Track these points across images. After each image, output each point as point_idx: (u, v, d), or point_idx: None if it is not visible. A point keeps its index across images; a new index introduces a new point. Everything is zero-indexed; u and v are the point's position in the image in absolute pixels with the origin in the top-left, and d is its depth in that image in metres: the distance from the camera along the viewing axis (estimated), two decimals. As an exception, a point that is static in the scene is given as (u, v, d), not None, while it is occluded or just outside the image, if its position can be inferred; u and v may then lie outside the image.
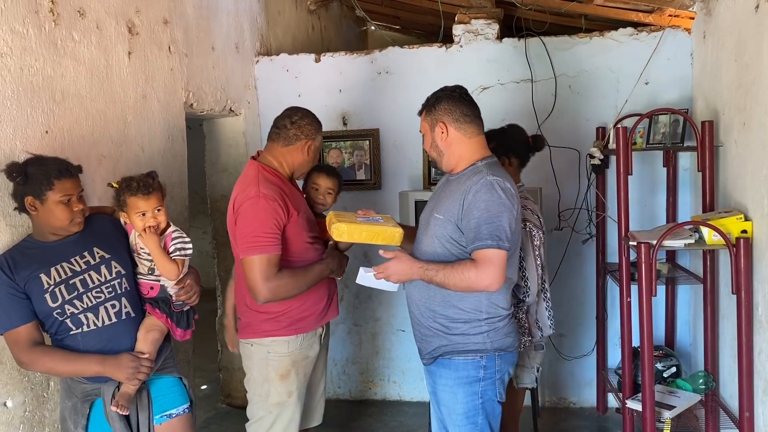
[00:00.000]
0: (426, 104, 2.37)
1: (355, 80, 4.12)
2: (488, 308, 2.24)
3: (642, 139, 3.35)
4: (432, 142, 2.33)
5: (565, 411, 3.98)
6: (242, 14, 4.08)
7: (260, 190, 2.39)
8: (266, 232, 2.36)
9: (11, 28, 2.20)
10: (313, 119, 2.61)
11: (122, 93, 2.84)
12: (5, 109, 2.16)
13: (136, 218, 2.18)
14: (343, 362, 4.30)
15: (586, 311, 3.91)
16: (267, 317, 2.50)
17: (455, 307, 2.24)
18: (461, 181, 2.24)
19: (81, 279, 2.10)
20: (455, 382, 2.26)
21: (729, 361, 3.03)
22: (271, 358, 2.51)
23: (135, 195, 2.17)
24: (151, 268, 2.26)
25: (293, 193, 2.56)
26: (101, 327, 2.11)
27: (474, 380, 2.25)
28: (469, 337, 2.23)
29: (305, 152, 2.57)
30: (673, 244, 2.83)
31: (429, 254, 2.28)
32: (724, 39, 3.10)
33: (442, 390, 2.31)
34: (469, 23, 3.99)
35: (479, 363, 2.24)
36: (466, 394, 2.25)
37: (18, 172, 2.03)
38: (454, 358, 2.25)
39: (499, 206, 2.14)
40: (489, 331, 2.24)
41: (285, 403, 2.53)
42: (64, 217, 2.07)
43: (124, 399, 2.09)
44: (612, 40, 3.80)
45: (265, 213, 2.37)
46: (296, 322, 2.52)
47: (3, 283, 2.03)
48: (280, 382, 2.51)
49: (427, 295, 2.29)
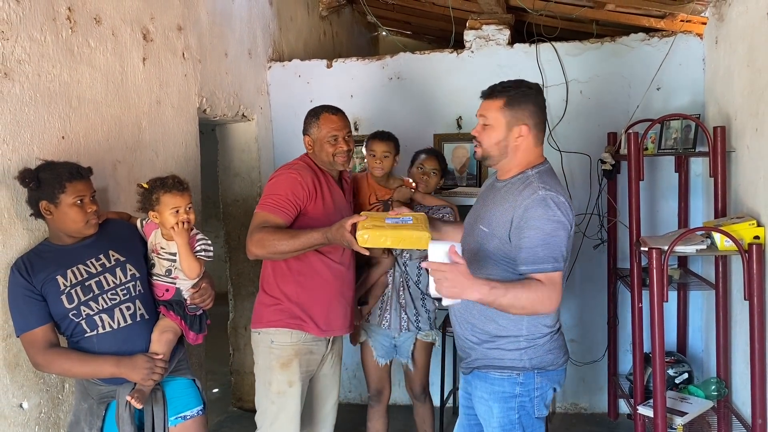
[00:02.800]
0: (507, 94, 2.08)
1: (367, 86, 4.15)
2: (528, 327, 2.10)
3: (653, 145, 3.35)
4: (500, 140, 2.08)
5: (577, 416, 3.97)
6: (255, 20, 4.11)
7: (290, 166, 2.60)
8: (277, 194, 2.48)
9: (29, 36, 2.23)
10: (310, 114, 2.69)
11: (137, 99, 2.88)
12: (23, 115, 2.20)
13: (170, 215, 2.23)
14: (354, 366, 4.30)
15: (597, 316, 3.90)
16: (271, 307, 2.58)
17: (494, 322, 2.12)
18: (510, 192, 2.08)
19: (97, 281, 2.14)
20: (491, 397, 2.15)
21: (741, 367, 3.02)
22: (274, 346, 2.57)
23: (170, 192, 2.24)
24: (168, 269, 2.29)
25: (330, 184, 2.64)
26: (116, 329, 2.14)
27: (510, 396, 2.12)
28: (505, 353, 2.11)
29: (308, 146, 2.68)
30: (685, 250, 2.82)
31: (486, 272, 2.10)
32: (737, 45, 3.09)
33: (478, 401, 2.21)
34: (481, 29, 4.00)
35: (515, 380, 2.11)
36: (502, 409, 2.13)
37: (31, 177, 2.07)
38: (491, 373, 2.14)
39: (555, 224, 1.97)
40: (528, 348, 2.10)
41: (286, 393, 2.56)
42: (78, 219, 2.10)
43: (141, 394, 2.12)
44: (623, 46, 3.80)
45: (284, 181, 2.52)
46: (297, 316, 2.57)
47: (20, 285, 2.06)
48: (281, 371, 2.56)
49: (464, 308, 2.17)
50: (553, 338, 2.15)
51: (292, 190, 2.49)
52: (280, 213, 2.46)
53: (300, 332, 2.58)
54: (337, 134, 2.61)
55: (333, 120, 2.62)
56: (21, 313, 2.06)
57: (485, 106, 2.11)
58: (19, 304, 2.06)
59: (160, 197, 2.23)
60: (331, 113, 2.64)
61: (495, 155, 2.11)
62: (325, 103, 2.74)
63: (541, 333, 2.12)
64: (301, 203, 2.50)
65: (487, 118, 2.09)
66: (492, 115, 2.08)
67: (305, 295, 2.58)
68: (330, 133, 2.60)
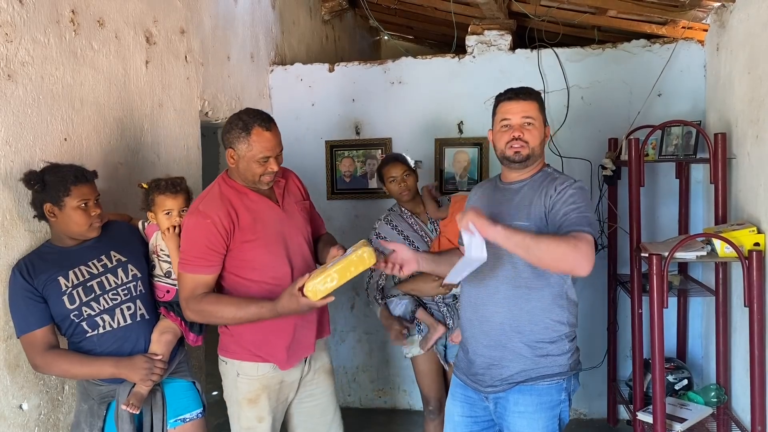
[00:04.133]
0: (538, 97, 2.21)
1: (369, 90, 4.15)
2: (569, 320, 2.13)
3: (654, 151, 3.36)
4: (543, 139, 2.19)
5: (576, 422, 3.97)
6: (258, 24, 4.13)
7: (199, 205, 2.24)
8: (195, 248, 2.18)
9: (33, 38, 2.24)
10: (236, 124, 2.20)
11: (139, 101, 2.89)
12: (26, 117, 2.21)
13: (163, 217, 2.27)
14: (354, 370, 4.31)
15: (597, 322, 3.89)
16: (233, 337, 2.32)
17: (542, 324, 2.10)
18: (535, 187, 2.15)
19: (98, 281, 2.15)
20: (536, 408, 2.10)
21: (741, 374, 3.02)
22: (240, 380, 2.31)
23: (163, 193, 2.28)
24: (168, 270, 2.31)
25: (252, 201, 2.28)
26: (116, 328, 2.16)
27: (556, 404, 2.11)
28: (555, 359, 2.11)
29: (230, 160, 2.26)
30: (685, 256, 2.82)
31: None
32: (738, 52, 3.10)
33: (518, 417, 2.12)
34: (482, 34, 4.02)
35: (561, 386, 2.11)
36: (547, 418, 2.10)
37: (36, 180, 2.07)
38: (539, 384, 2.10)
39: (590, 205, 2.10)
40: (569, 351, 2.14)
41: (255, 428, 2.32)
42: (82, 222, 2.12)
43: (136, 399, 2.12)
44: (625, 52, 3.81)
45: (197, 231, 2.19)
46: (260, 349, 2.29)
47: (21, 287, 2.06)
48: (249, 407, 2.31)
49: (511, 315, 2.12)
50: (575, 337, 2.21)
51: (208, 239, 2.17)
52: (205, 270, 2.19)
53: (267, 364, 2.31)
54: (269, 155, 2.21)
55: (266, 138, 2.19)
56: (21, 314, 2.06)
57: (527, 107, 2.16)
58: (19, 306, 2.06)
59: (155, 198, 2.29)
60: (263, 128, 2.19)
61: (538, 153, 2.18)
62: (251, 108, 2.28)
63: (573, 333, 2.17)
64: (223, 246, 2.21)
65: (533, 118, 2.16)
66: (535, 114, 2.16)
67: (260, 331, 2.28)
68: (261, 154, 2.19)
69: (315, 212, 2.61)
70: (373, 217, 4.09)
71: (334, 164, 4.19)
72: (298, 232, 2.38)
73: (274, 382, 2.34)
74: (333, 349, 4.22)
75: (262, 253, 2.26)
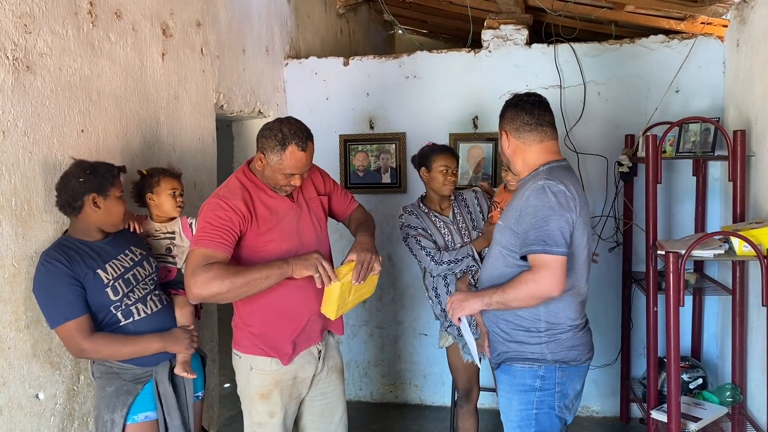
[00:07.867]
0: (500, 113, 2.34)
1: (383, 84, 4.14)
2: (547, 318, 2.15)
3: (672, 148, 3.32)
4: (501, 149, 2.31)
5: (588, 419, 3.95)
6: (273, 17, 4.12)
7: (218, 192, 2.28)
8: (211, 225, 2.18)
9: (51, 29, 2.25)
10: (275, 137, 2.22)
11: (155, 93, 2.89)
12: (44, 108, 2.22)
13: (167, 197, 2.49)
14: (365, 364, 4.31)
15: (611, 320, 3.87)
16: (245, 330, 2.34)
17: (514, 313, 2.18)
18: (521, 188, 2.21)
19: (132, 274, 2.27)
20: (511, 389, 2.22)
21: (757, 374, 2.99)
22: (253, 374, 2.34)
23: (169, 175, 2.52)
24: (168, 247, 2.50)
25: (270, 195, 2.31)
26: (150, 314, 2.29)
27: (530, 389, 2.17)
28: (526, 346, 2.17)
29: (258, 162, 2.29)
30: (703, 254, 2.79)
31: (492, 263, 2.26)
32: (758, 48, 3.06)
33: (501, 395, 2.28)
34: (498, 28, 3.99)
35: (536, 372, 2.16)
36: (520, 402, 2.19)
37: (89, 169, 2.16)
38: (513, 365, 2.20)
39: (548, 210, 2.04)
40: (549, 342, 2.15)
41: (267, 424, 2.35)
42: (120, 212, 2.25)
43: (188, 365, 2.34)
44: (642, 47, 3.77)
45: (211, 210, 2.21)
46: (271, 343, 2.31)
47: (64, 274, 2.10)
48: (261, 402, 2.34)
49: None
50: (577, 334, 2.19)
51: (222, 219, 2.18)
52: (217, 246, 2.14)
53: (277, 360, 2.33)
54: (296, 174, 2.25)
55: (298, 158, 2.21)
56: (67, 301, 2.09)
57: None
58: (62, 292, 2.09)
59: (160, 180, 2.49)
60: (299, 148, 2.20)
61: (506, 162, 2.41)
62: (294, 121, 2.27)
63: (563, 327, 2.16)
64: (238, 228, 2.21)
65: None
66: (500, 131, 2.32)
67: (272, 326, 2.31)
68: (290, 170, 2.23)
69: (339, 194, 2.60)
70: (386, 212, 4.10)
71: (348, 158, 4.19)
72: (312, 228, 2.42)
73: (287, 378, 2.36)
74: (345, 343, 4.22)
75: (277, 248, 2.28)
